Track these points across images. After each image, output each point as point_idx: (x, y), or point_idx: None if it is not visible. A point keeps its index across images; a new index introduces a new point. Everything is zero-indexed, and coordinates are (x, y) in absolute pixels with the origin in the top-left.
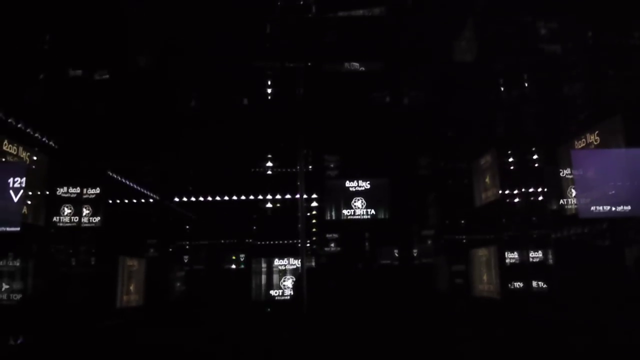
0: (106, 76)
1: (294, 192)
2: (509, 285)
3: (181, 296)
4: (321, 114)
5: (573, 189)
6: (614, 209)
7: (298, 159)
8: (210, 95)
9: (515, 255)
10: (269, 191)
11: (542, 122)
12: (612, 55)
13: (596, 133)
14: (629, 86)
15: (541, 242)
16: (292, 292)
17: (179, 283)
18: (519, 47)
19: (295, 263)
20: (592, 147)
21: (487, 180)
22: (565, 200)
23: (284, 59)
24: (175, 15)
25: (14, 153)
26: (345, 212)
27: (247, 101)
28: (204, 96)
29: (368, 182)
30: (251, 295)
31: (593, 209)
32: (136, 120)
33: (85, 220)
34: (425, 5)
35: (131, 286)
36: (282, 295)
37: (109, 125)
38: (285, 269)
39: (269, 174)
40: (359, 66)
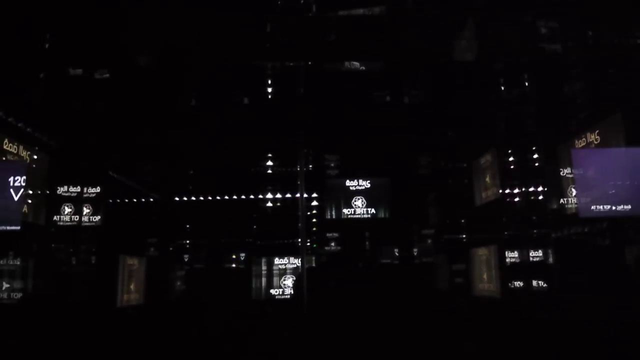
0: (106, 75)
1: (294, 191)
2: (509, 285)
3: (181, 295)
4: (321, 113)
5: (573, 188)
6: (614, 208)
7: (298, 158)
8: (211, 94)
9: (516, 255)
10: (269, 190)
11: (543, 121)
12: (613, 54)
13: (596, 132)
14: (629, 85)
15: (541, 241)
16: (292, 291)
17: (179, 282)
18: (519, 46)
19: (296, 262)
20: (592, 146)
21: (487, 179)
22: (566, 199)
23: (284, 58)
24: (175, 13)
25: (15, 152)
26: (345, 211)
27: (248, 100)
28: (203, 95)
29: (368, 181)
30: (251, 294)
31: (593, 208)
32: (136, 119)
33: (85, 219)
34: (426, 4)
35: (131, 285)
36: (283, 294)
37: (109, 124)
38: (286, 268)
39: (269, 172)
40: (359, 65)
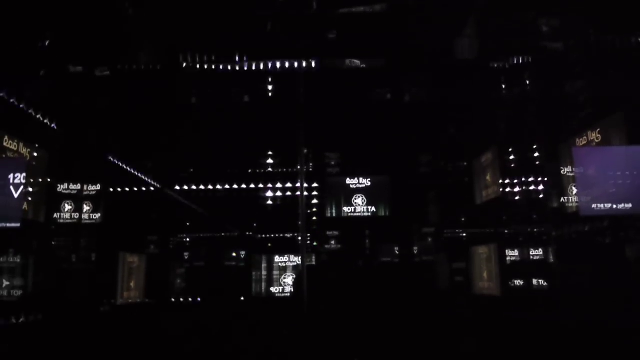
0: (106, 72)
1: (294, 189)
2: (509, 283)
3: (182, 293)
4: (322, 111)
5: (574, 187)
6: (615, 206)
7: (299, 157)
8: (211, 93)
9: (516, 253)
10: (270, 189)
11: (544, 120)
12: (614, 53)
13: (597, 130)
14: (631, 84)
15: (541, 239)
16: (292, 289)
17: (179, 280)
18: (520, 45)
19: (296, 260)
20: (593, 145)
21: (488, 177)
22: (566, 197)
23: (284, 56)
24: (178, 12)
25: (15, 149)
26: (345, 210)
27: (248, 98)
28: (205, 93)
29: (369, 180)
30: (251, 292)
31: (594, 206)
32: (141, 115)
33: (85, 217)
34: (427, 3)
35: (132, 283)
36: (283, 292)
37: (112, 119)
38: (286, 266)
39: (270, 170)
40: (359, 63)
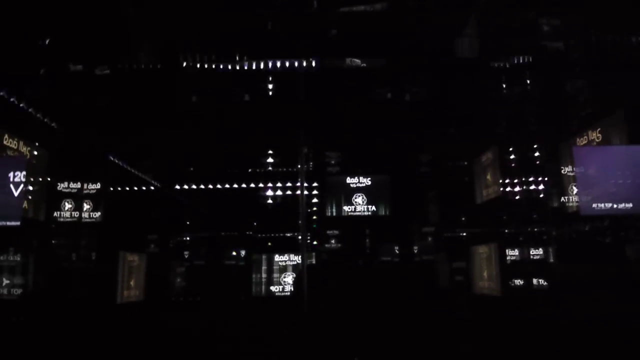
0: (106, 71)
1: (294, 188)
2: (509, 283)
3: (182, 292)
4: (322, 110)
5: (574, 186)
6: (615, 206)
7: (299, 156)
8: (211, 92)
9: (516, 253)
10: (270, 188)
11: (544, 119)
12: (615, 52)
13: (598, 130)
14: (631, 83)
15: (541, 239)
16: (292, 289)
17: (179, 279)
18: (520, 44)
19: (296, 259)
20: (594, 144)
21: (488, 177)
22: (567, 197)
23: (285, 54)
24: (179, 10)
25: (15, 147)
26: (346, 209)
27: (249, 97)
28: (204, 93)
29: (369, 179)
30: (251, 291)
31: (594, 206)
32: (140, 114)
33: (85, 216)
34: (427, 2)
35: (132, 281)
36: (283, 291)
37: (112, 118)
38: (286, 265)
39: (270, 169)
40: (360, 62)
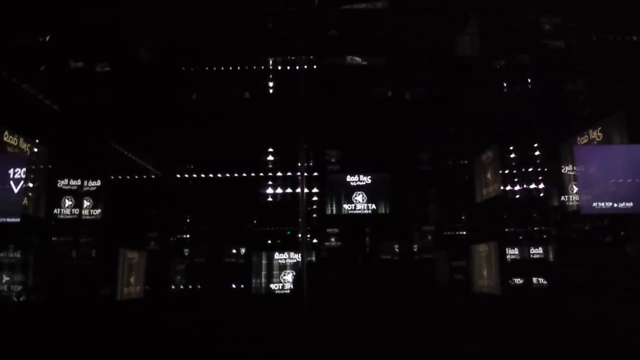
0: (107, 68)
1: (294, 187)
2: (509, 282)
3: (182, 289)
4: (323, 108)
5: (574, 185)
6: (615, 205)
7: (299, 154)
8: (213, 89)
9: (516, 252)
10: (270, 187)
11: (544, 118)
12: (616, 51)
13: (599, 129)
14: (632, 82)
15: (541, 238)
16: (292, 286)
17: (179, 276)
18: (521, 43)
19: (296, 257)
20: (594, 144)
21: (488, 176)
22: (567, 196)
23: (285, 52)
24: (178, 9)
25: (15, 144)
26: (346, 207)
27: (249, 95)
28: (206, 90)
29: (369, 177)
30: (251, 289)
31: (595, 205)
32: (142, 112)
33: (85, 213)
34: (428, 1)
35: (132, 278)
36: (282, 289)
37: (114, 114)
38: (286, 263)
39: (270, 167)
40: (360, 61)
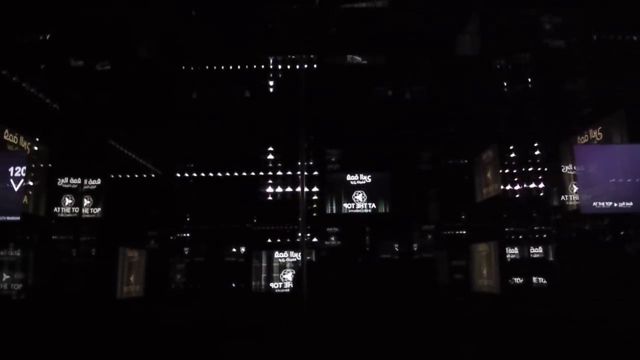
0: (107, 67)
1: (295, 186)
2: (509, 281)
3: (182, 288)
4: (323, 107)
5: (574, 185)
6: (615, 204)
7: (299, 153)
8: (213, 88)
9: (516, 251)
10: (270, 185)
11: (545, 118)
12: (616, 51)
13: (599, 129)
14: (632, 82)
15: (541, 237)
16: (292, 285)
17: (179, 275)
18: (522, 43)
19: (296, 256)
20: (594, 143)
21: (488, 175)
22: (567, 195)
23: (286, 51)
24: (182, 8)
25: (15, 143)
26: (346, 206)
27: (249, 94)
28: (207, 89)
29: (369, 176)
30: (251, 288)
31: (595, 204)
32: (142, 110)
33: (85, 211)
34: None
35: (131, 277)
36: (282, 288)
37: (114, 112)
38: (286, 262)
39: (271, 166)
40: (361, 60)
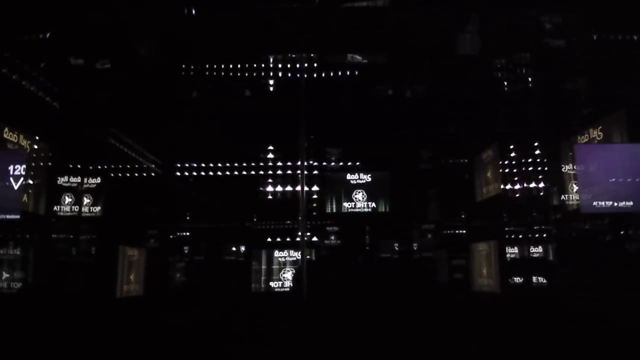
0: (107, 65)
1: (294, 184)
2: (509, 280)
3: (181, 287)
4: (323, 106)
5: (575, 184)
6: (616, 204)
7: (299, 152)
8: (213, 86)
9: (516, 250)
10: (270, 184)
11: (545, 117)
12: (616, 50)
13: (599, 128)
14: (633, 81)
15: (541, 237)
16: (291, 284)
17: (179, 274)
18: (522, 42)
19: (295, 255)
20: (595, 143)
21: (488, 174)
22: (567, 195)
23: (286, 50)
24: (182, 6)
25: (15, 141)
26: (346, 205)
27: (250, 92)
28: (207, 87)
29: (369, 175)
30: (251, 287)
31: (595, 204)
32: (142, 108)
33: (85, 210)
34: None
35: (131, 276)
36: (282, 287)
37: (114, 111)
38: (285, 261)
39: (270, 165)
40: (361, 59)
